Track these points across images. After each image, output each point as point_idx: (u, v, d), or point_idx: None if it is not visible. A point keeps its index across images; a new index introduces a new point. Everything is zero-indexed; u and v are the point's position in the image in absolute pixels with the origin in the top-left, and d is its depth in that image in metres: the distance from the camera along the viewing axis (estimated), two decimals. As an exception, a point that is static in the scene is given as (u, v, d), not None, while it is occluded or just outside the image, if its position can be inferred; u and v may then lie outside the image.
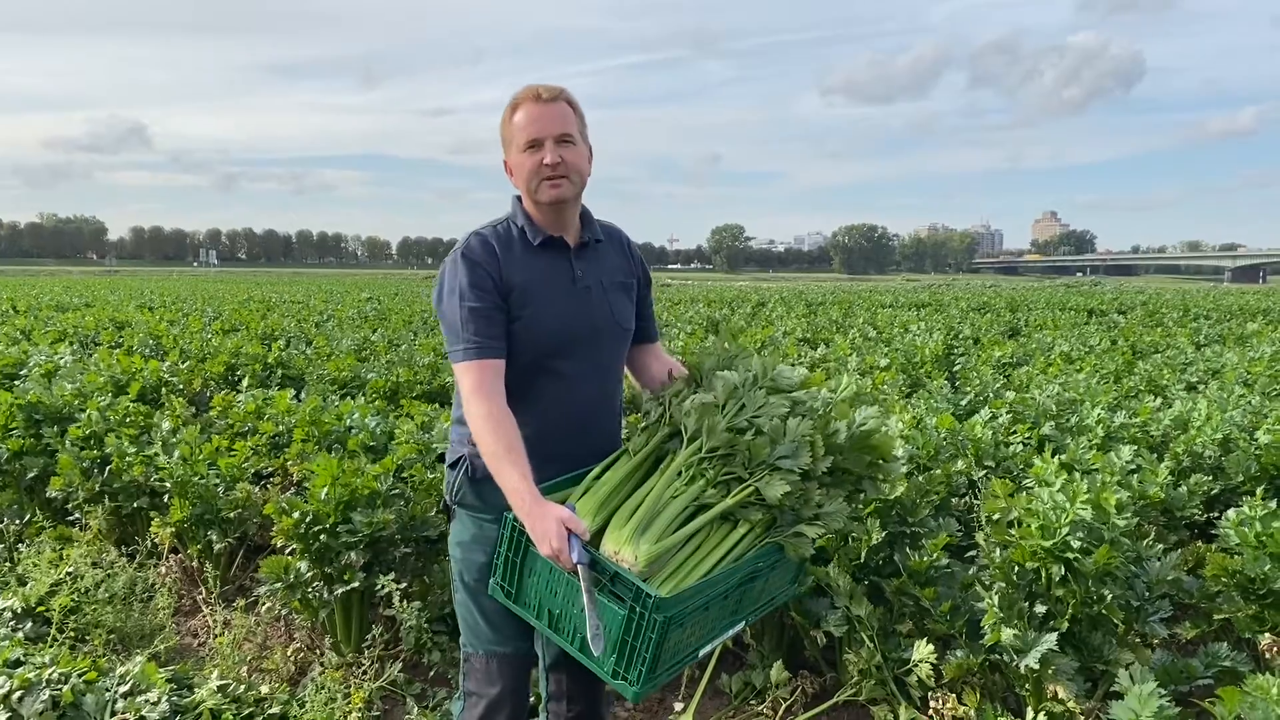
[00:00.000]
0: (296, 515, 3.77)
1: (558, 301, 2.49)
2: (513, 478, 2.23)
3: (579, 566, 2.07)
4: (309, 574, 3.82)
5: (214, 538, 4.56)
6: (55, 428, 5.59)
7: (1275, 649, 3.12)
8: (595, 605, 2.06)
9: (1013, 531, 3.09)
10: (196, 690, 3.35)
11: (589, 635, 2.06)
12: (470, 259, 2.46)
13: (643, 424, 2.54)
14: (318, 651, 4.05)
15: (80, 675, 3.24)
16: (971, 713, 3.10)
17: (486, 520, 2.50)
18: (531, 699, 2.77)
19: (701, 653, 2.27)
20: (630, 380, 2.86)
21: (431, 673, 3.88)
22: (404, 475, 4.21)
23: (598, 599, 2.09)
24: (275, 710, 3.39)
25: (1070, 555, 2.90)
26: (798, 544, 2.33)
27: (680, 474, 2.36)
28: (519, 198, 2.56)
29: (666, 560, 2.20)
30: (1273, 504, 3.37)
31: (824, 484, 2.38)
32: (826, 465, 2.33)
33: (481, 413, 2.33)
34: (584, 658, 2.18)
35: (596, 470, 2.42)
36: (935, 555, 3.36)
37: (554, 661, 2.76)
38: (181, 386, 7.55)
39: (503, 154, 2.55)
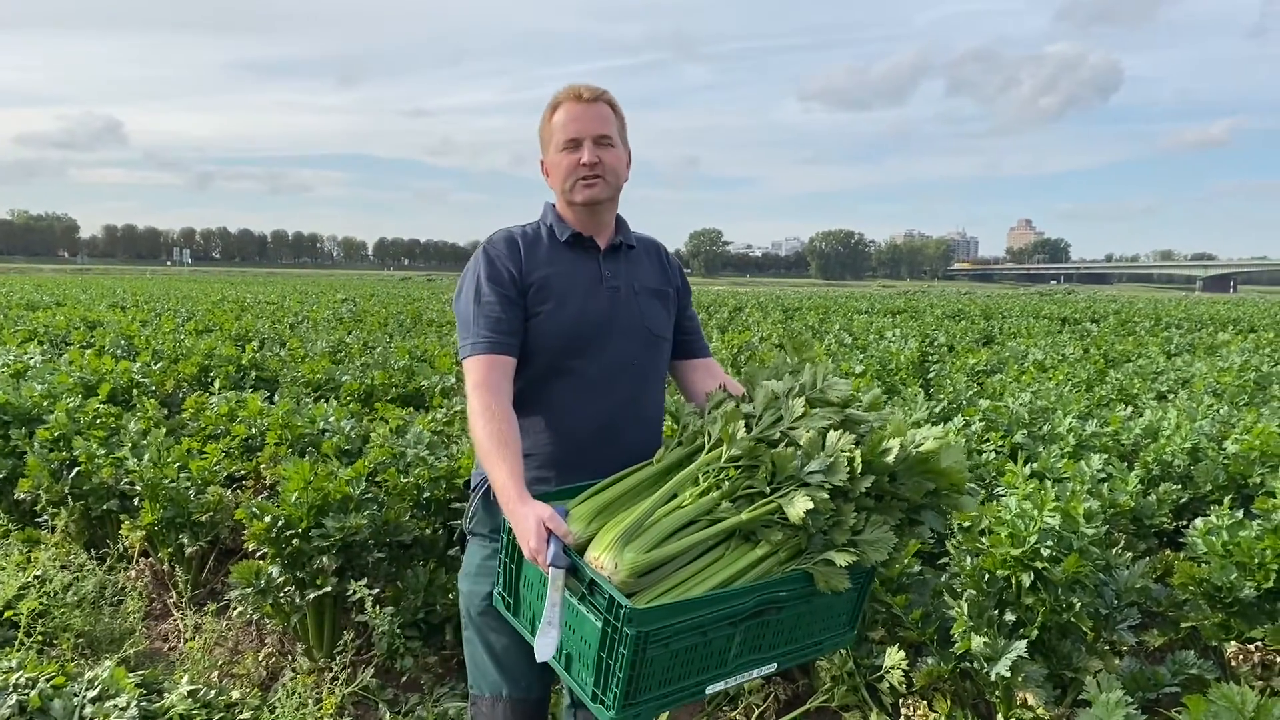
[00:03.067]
0: (268, 519, 3.74)
1: (579, 297, 2.42)
2: (500, 473, 2.11)
3: (550, 569, 1.94)
4: (281, 579, 3.79)
5: (185, 541, 4.52)
6: (23, 429, 5.53)
7: (1241, 657, 3.16)
8: (558, 612, 1.93)
9: (983, 540, 3.12)
10: (166, 695, 3.32)
11: (537, 637, 1.92)
12: (490, 253, 2.42)
13: (677, 438, 2.34)
14: (289, 656, 4.03)
15: (48, 680, 3.20)
16: (942, 719, 3.12)
17: (496, 547, 2.32)
18: None
19: (709, 690, 2.04)
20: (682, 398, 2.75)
21: (404, 678, 3.85)
22: (377, 479, 4.18)
23: (579, 610, 1.95)
24: (246, 715, 3.37)
25: (1040, 564, 2.93)
26: (826, 573, 2.03)
27: (697, 483, 2.16)
28: (552, 203, 2.52)
29: (663, 575, 1.99)
30: (1239, 513, 3.42)
31: (865, 508, 2.10)
32: (866, 484, 2.04)
33: (478, 407, 2.23)
34: (569, 677, 2.02)
35: (611, 478, 2.22)
36: (907, 562, 3.38)
37: (577, 700, 2.54)
38: (153, 388, 7.47)
39: (540, 154, 2.50)
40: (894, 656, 3.23)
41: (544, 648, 1.90)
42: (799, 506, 1.99)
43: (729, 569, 2.02)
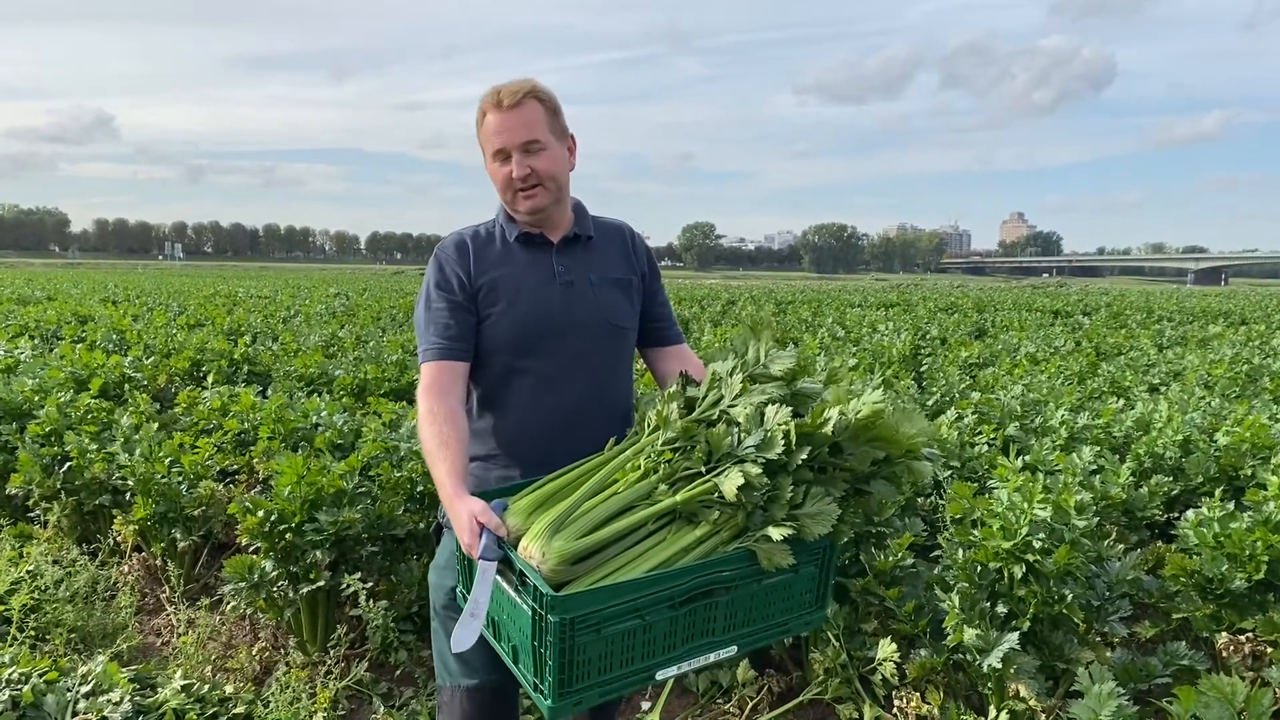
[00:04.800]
0: (261, 514, 3.74)
1: (530, 296, 2.40)
2: (439, 470, 2.13)
3: (480, 562, 1.92)
4: (274, 573, 3.79)
5: (178, 536, 4.51)
6: (14, 424, 5.51)
7: (1232, 648, 3.17)
8: (484, 604, 1.90)
9: (975, 532, 3.12)
10: (160, 690, 3.31)
11: (457, 627, 1.89)
12: (440, 258, 2.43)
13: (635, 428, 2.30)
14: (283, 651, 4.02)
15: (41, 675, 3.19)
16: (935, 711, 3.13)
17: None
18: None
19: (660, 675, 1.98)
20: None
21: (398, 672, 3.86)
22: (371, 473, 4.18)
23: (517, 602, 1.91)
24: (240, 710, 3.36)
25: (1031, 556, 2.93)
26: (768, 550, 1.98)
27: (638, 469, 2.13)
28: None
29: (599, 562, 1.95)
30: (1230, 505, 3.43)
31: (804, 481, 2.04)
32: (803, 456, 1.98)
33: (423, 410, 2.26)
34: (516, 669, 1.99)
35: (557, 472, 2.18)
36: (900, 555, 3.39)
37: None
38: (145, 382, 7.45)
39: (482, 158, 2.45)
40: (886, 649, 3.24)
41: (462, 638, 1.88)
42: (732, 483, 1.95)
43: (666, 551, 1.98)
